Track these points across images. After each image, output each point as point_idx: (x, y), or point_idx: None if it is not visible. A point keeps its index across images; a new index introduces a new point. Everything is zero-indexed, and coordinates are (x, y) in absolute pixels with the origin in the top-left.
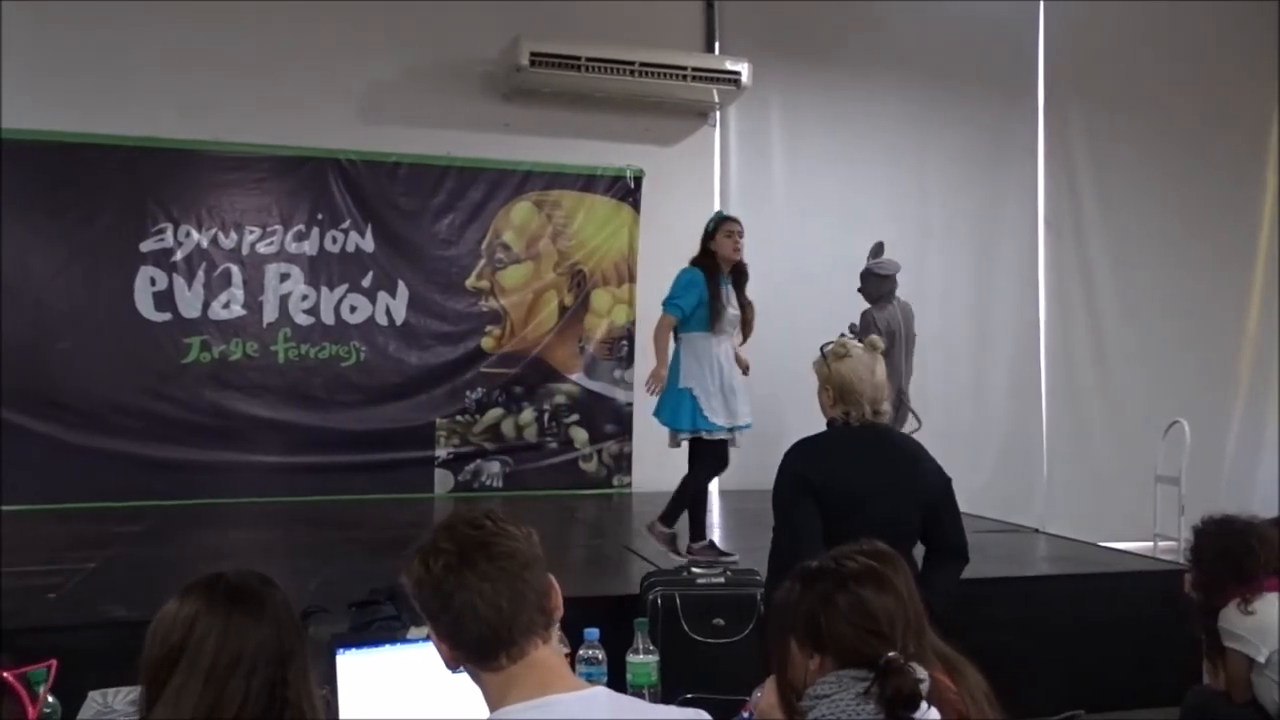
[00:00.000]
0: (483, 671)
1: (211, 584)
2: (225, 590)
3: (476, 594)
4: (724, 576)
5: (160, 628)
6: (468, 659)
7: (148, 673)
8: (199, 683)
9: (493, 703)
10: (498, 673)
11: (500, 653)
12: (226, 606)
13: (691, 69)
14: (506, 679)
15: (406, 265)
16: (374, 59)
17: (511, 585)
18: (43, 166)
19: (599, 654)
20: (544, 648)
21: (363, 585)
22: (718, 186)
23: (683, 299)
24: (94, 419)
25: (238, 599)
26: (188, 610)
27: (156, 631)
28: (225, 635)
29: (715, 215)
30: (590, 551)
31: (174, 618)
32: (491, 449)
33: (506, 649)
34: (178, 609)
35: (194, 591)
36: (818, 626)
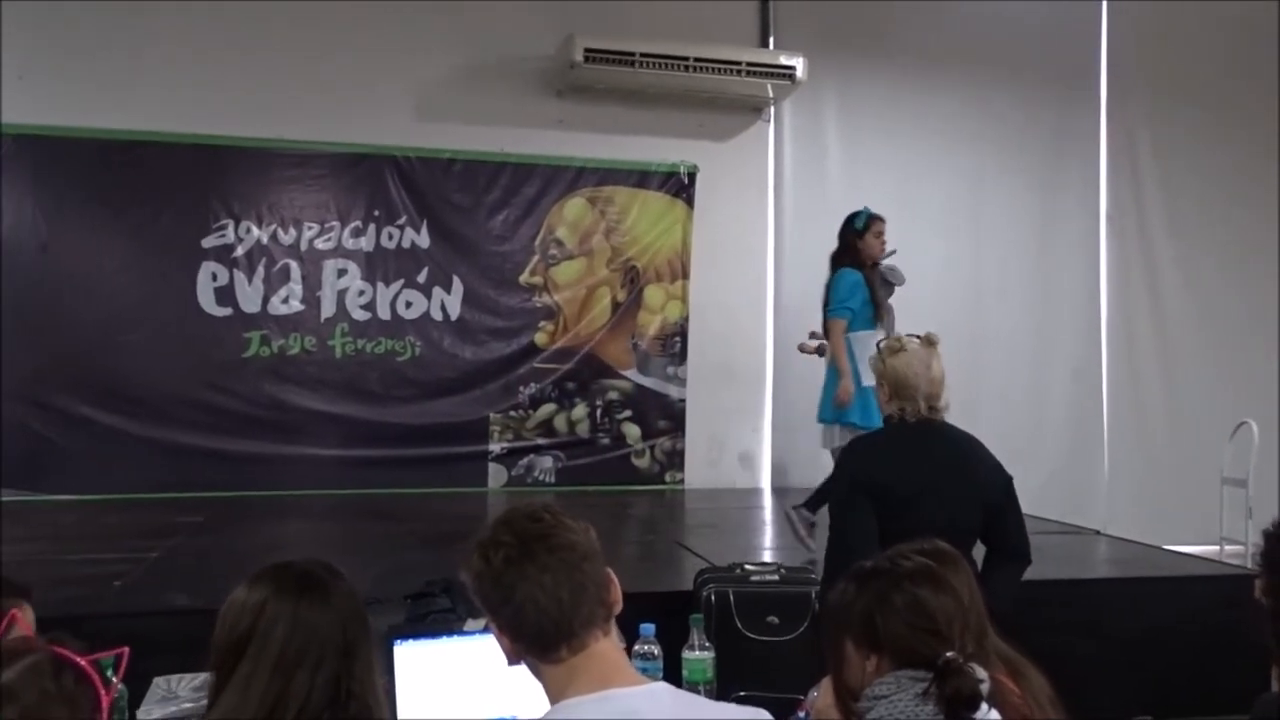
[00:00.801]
0: (543, 664)
1: (281, 572)
2: (294, 578)
3: (537, 586)
4: (778, 574)
5: (229, 613)
6: (528, 651)
7: (216, 659)
8: (266, 673)
9: (553, 695)
10: (558, 665)
11: (561, 645)
12: (295, 595)
13: (746, 64)
14: (567, 671)
15: (461, 261)
16: (430, 57)
17: (571, 577)
18: (110, 164)
19: (655, 649)
20: (604, 640)
21: (418, 577)
22: (771, 182)
23: (851, 301)
24: (158, 411)
25: (306, 587)
26: (256, 596)
27: (226, 617)
28: (294, 625)
29: (864, 213)
30: (642, 547)
31: (243, 604)
32: (544, 444)
33: (567, 641)
34: (246, 595)
35: (263, 578)
36: (873, 627)
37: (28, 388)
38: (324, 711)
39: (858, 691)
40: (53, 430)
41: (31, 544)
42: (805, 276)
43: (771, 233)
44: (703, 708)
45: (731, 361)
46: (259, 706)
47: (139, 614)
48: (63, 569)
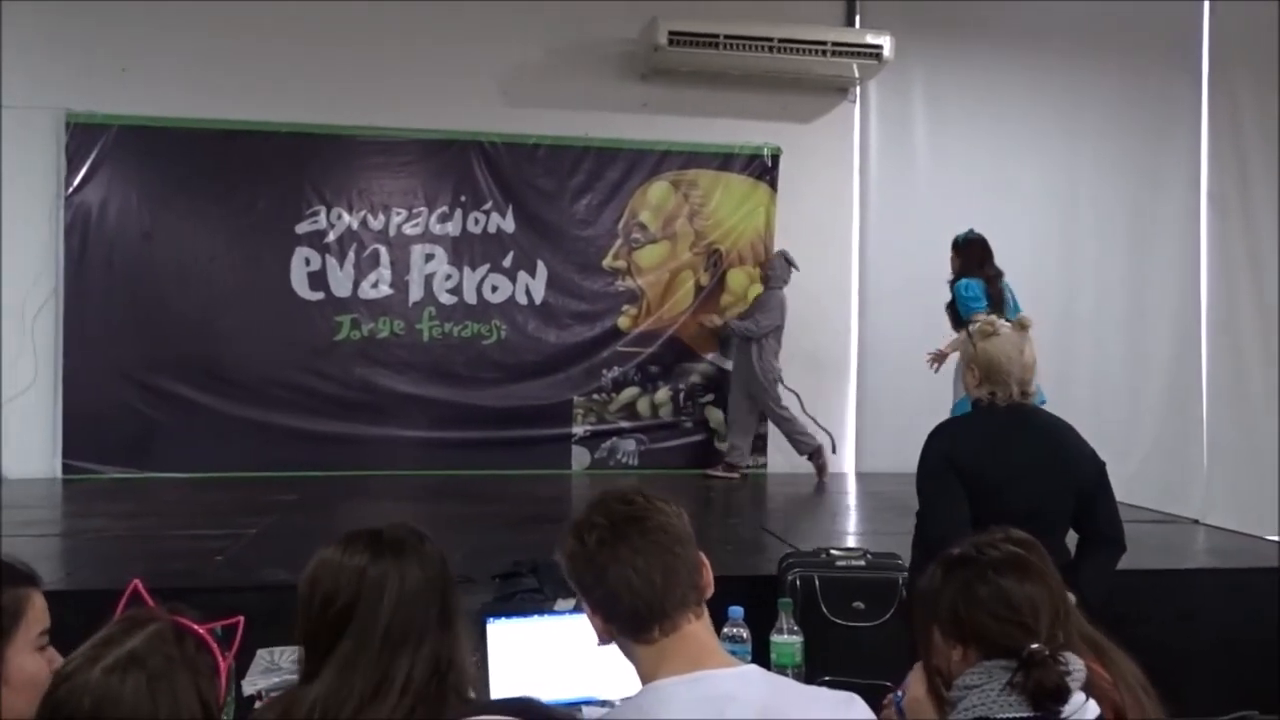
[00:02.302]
0: (636, 644)
1: (375, 538)
2: (389, 544)
3: (629, 568)
4: (864, 560)
5: (323, 577)
6: (621, 632)
7: (310, 627)
8: (373, 652)
9: (645, 675)
10: (650, 645)
11: (654, 626)
12: (394, 561)
13: (831, 44)
14: (659, 652)
15: (545, 245)
16: (515, 42)
17: (664, 559)
18: (208, 153)
19: (743, 632)
20: (697, 623)
21: (504, 557)
22: (857, 164)
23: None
24: (254, 393)
25: (402, 552)
26: (354, 562)
27: (318, 581)
28: (398, 598)
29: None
30: (725, 531)
31: (338, 566)
32: (627, 427)
33: (660, 622)
34: (341, 558)
35: (356, 543)
36: (959, 617)
37: (133, 370)
38: (428, 684)
39: (948, 679)
40: (156, 411)
41: (138, 519)
42: (892, 260)
43: (857, 215)
44: (794, 690)
45: (815, 345)
46: (364, 685)
47: (240, 588)
48: (168, 544)
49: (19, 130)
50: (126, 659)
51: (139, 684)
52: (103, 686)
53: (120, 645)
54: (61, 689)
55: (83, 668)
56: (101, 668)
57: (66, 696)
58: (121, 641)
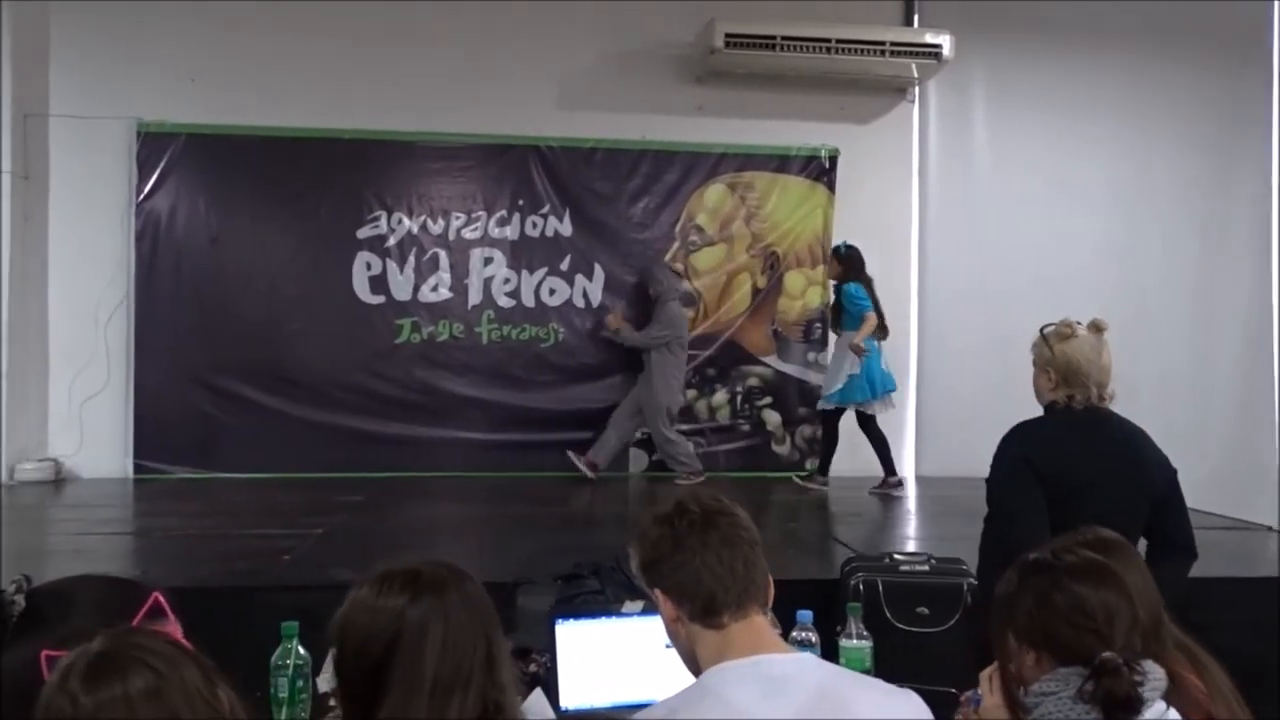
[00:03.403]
0: (704, 629)
1: (413, 578)
2: (430, 586)
3: (715, 554)
4: (929, 564)
5: (357, 621)
6: (693, 616)
7: (349, 672)
8: (423, 702)
9: (707, 660)
10: (718, 631)
11: (724, 612)
12: (435, 605)
13: (890, 44)
14: (724, 638)
15: (603, 248)
16: (572, 47)
17: (746, 552)
18: (272, 160)
19: (812, 636)
20: (761, 615)
21: (564, 558)
22: (916, 165)
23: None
24: (317, 395)
25: (443, 595)
26: (390, 604)
27: (353, 624)
28: (443, 646)
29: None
30: (785, 535)
31: (374, 609)
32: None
33: (731, 610)
34: (376, 600)
35: (392, 584)
36: (1034, 623)
37: (200, 372)
38: None
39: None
40: (223, 412)
41: (207, 519)
42: (952, 261)
43: (916, 216)
44: (850, 676)
45: None
46: None
47: (308, 587)
48: (238, 543)
49: (92, 139)
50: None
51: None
52: (99, 696)
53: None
54: (50, 709)
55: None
56: (78, 682)
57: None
58: (77, 663)
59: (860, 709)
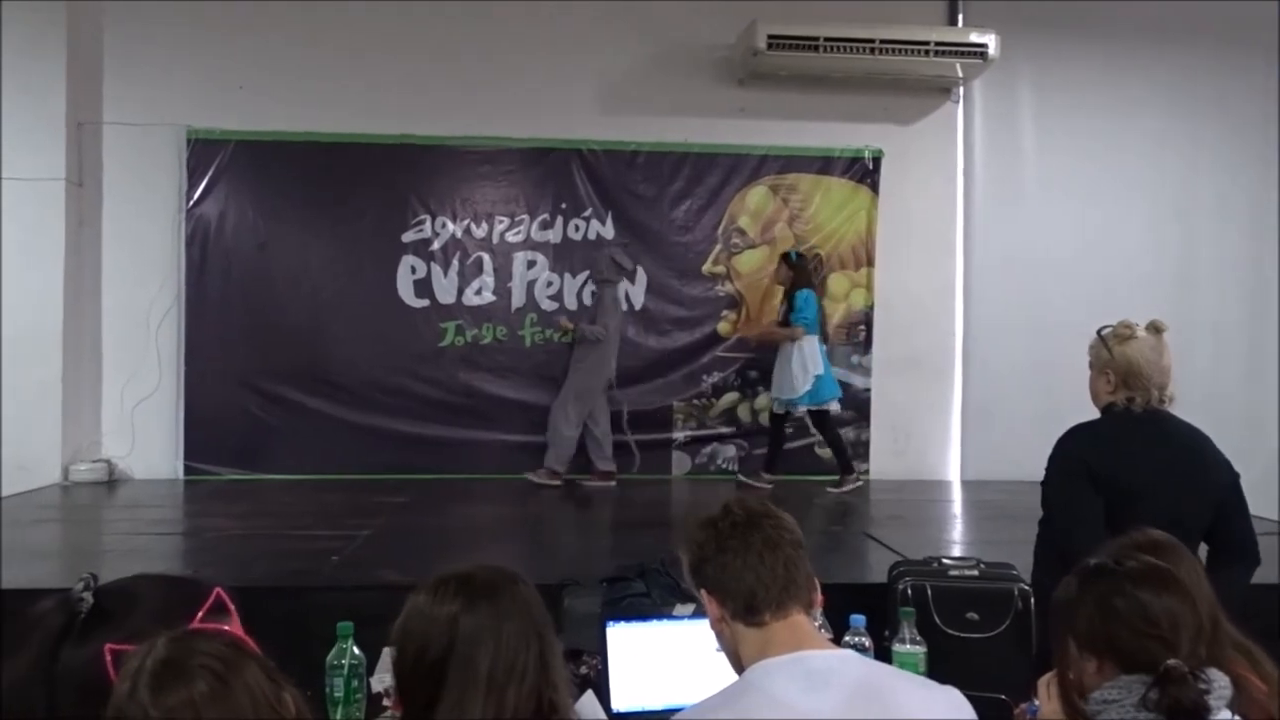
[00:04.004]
0: (746, 627)
1: (466, 583)
2: (484, 591)
3: (757, 554)
4: (977, 569)
5: (413, 628)
6: (735, 615)
7: (407, 677)
8: (479, 698)
9: (750, 658)
10: (760, 629)
11: (765, 610)
12: (488, 609)
13: (934, 43)
14: (766, 635)
15: (645, 252)
16: (613, 50)
17: (788, 553)
18: (318, 165)
19: (865, 641)
20: (803, 615)
21: (608, 561)
22: (961, 166)
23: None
24: (362, 398)
25: (495, 599)
26: (445, 611)
27: (411, 630)
28: (497, 645)
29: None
30: (829, 539)
31: (430, 617)
32: (727, 433)
33: (772, 608)
34: (432, 607)
35: (447, 590)
36: (1095, 630)
37: (248, 375)
38: None
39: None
40: (270, 415)
41: (255, 520)
42: (998, 263)
43: (961, 218)
44: (892, 671)
45: (918, 351)
46: None
47: (356, 587)
48: (285, 544)
49: (144, 147)
50: (165, 670)
51: (197, 683)
52: (165, 700)
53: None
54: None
55: (132, 695)
56: (146, 688)
57: None
58: (145, 665)
59: (903, 703)
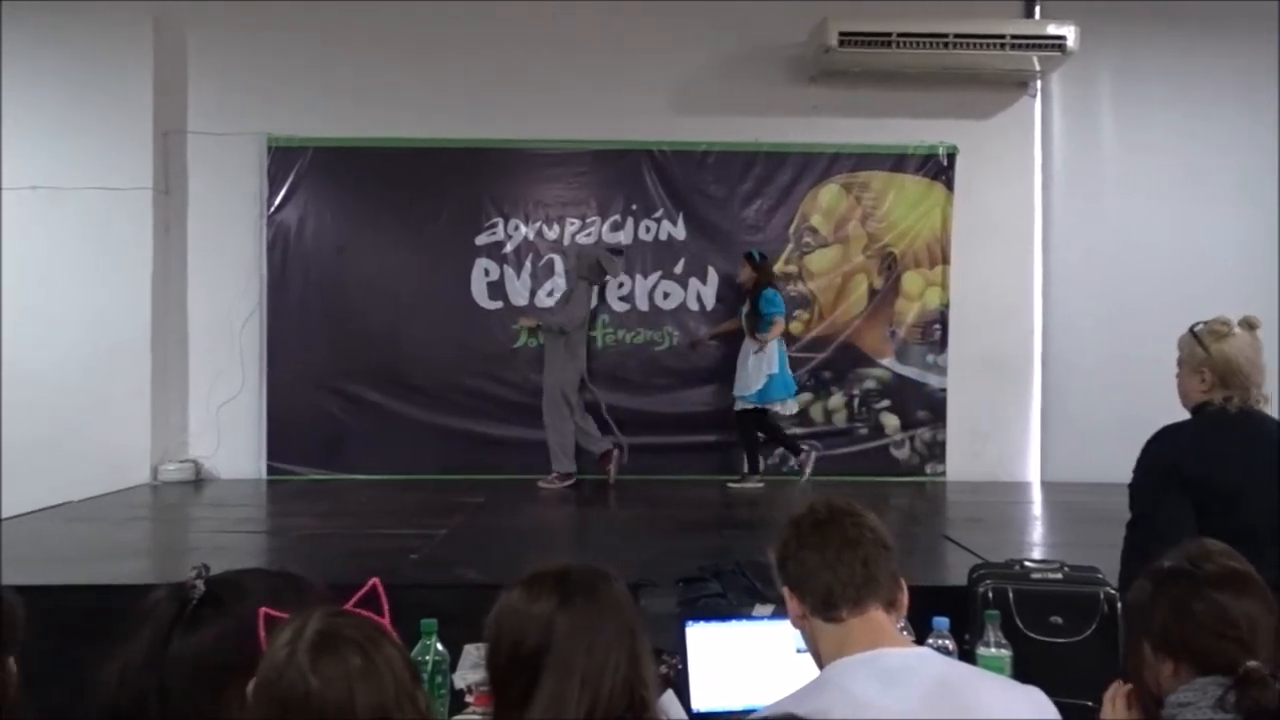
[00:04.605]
0: (824, 623)
1: (560, 581)
2: (579, 588)
3: (835, 551)
4: (1061, 572)
5: (509, 622)
6: (813, 611)
7: (501, 671)
8: (575, 689)
9: (827, 655)
10: (838, 625)
11: (843, 607)
12: (583, 605)
13: (1010, 36)
14: (843, 632)
15: (716, 251)
16: (683, 50)
17: (869, 551)
18: (395, 170)
19: (949, 644)
20: (882, 613)
21: (683, 561)
22: (1039, 161)
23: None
24: (437, 399)
25: (590, 596)
26: (540, 608)
27: (505, 626)
28: (591, 642)
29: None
30: (907, 540)
31: (524, 614)
32: (800, 433)
33: (849, 605)
34: (527, 604)
35: (541, 586)
36: (1172, 633)
37: (327, 377)
38: None
39: (1159, 696)
40: (348, 416)
41: (336, 519)
42: (1078, 260)
43: (1039, 214)
44: (972, 671)
45: (996, 350)
46: None
47: (434, 586)
48: (365, 542)
49: (226, 155)
50: (323, 639)
51: (351, 656)
52: (322, 666)
53: (308, 632)
54: (283, 681)
55: (292, 657)
56: (306, 652)
57: (290, 687)
58: (305, 630)
59: (983, 703)
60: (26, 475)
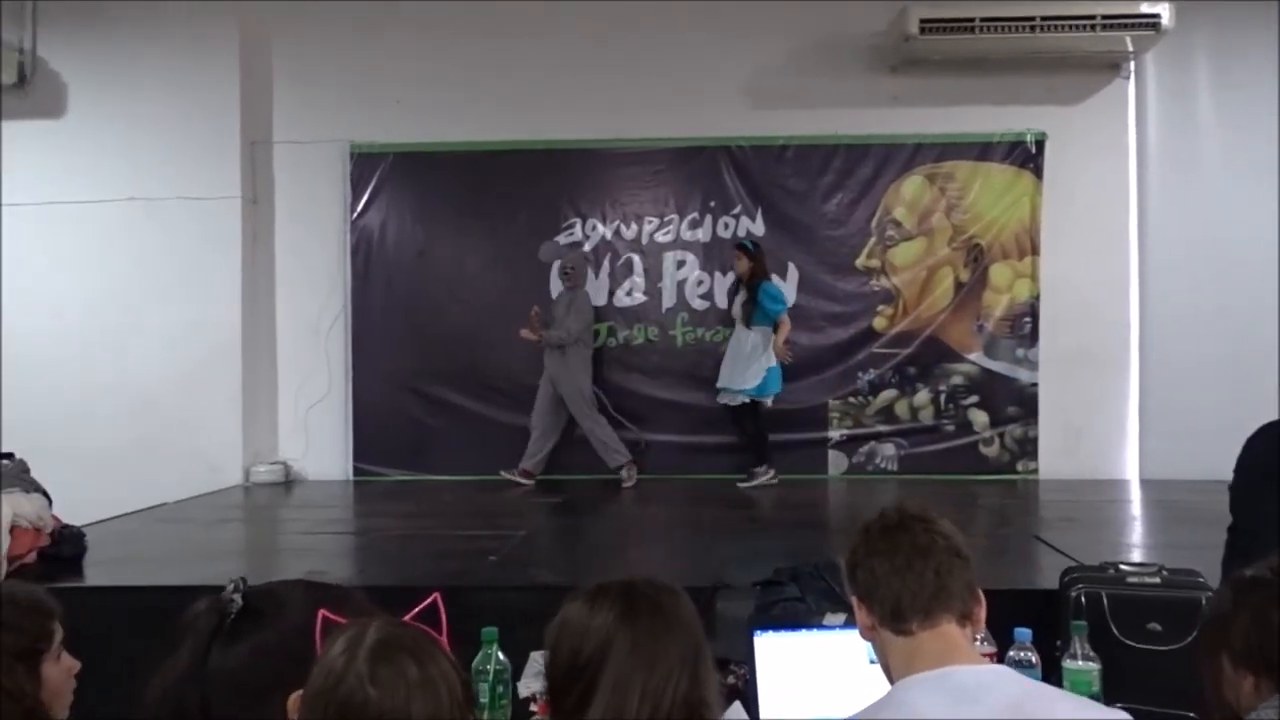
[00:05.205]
0: (893, 635)
1: (623, 595)
2: (644, 603)
3: (905, 559)
4: (1159, 576)
5: (569, 633)
6: (882, 622)
7: (559, 681)
8: (634, 701)
9: (896, 670)
10: (907, 638)
11: (912, 619)
12: (645, 623)
13: (1101, 16)
14: (913, 646)
15: (796, 247)
16: (760, 44)
17: (942, 560)
18: (474, 173)
19: (1031, 656)
20: (955, 626)
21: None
22: (1133, 146)
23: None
24: (517, 400)
25: (652, 613)
26: (600, 621)
27: (565, 636)
28: (654, 656)
29: None
30: (995, 541)
31: (585, 626)
32: (885, 431)
33: (919, 617)
34: (589, 617)
35: (604, 600)
36: (1251, 645)
37: (410, 379)
38: None
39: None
40: (431, 417)
41: (418, 519)
42: (1177, 249)
43: (1134, 201)
44: (1052, 692)
45: (1089, 343)
46: None
47: (510, 588)
48: (446, 543)
49: (310, 163)
50: (382, 648)
51: (409, 666)
52: (380, 675)
53: (367, 640)
54: (341, 688)
55: (350, 664)
56: (365, 660)
57: (349, 694)
58: (365, 638)
59: None
60: (126, 479)
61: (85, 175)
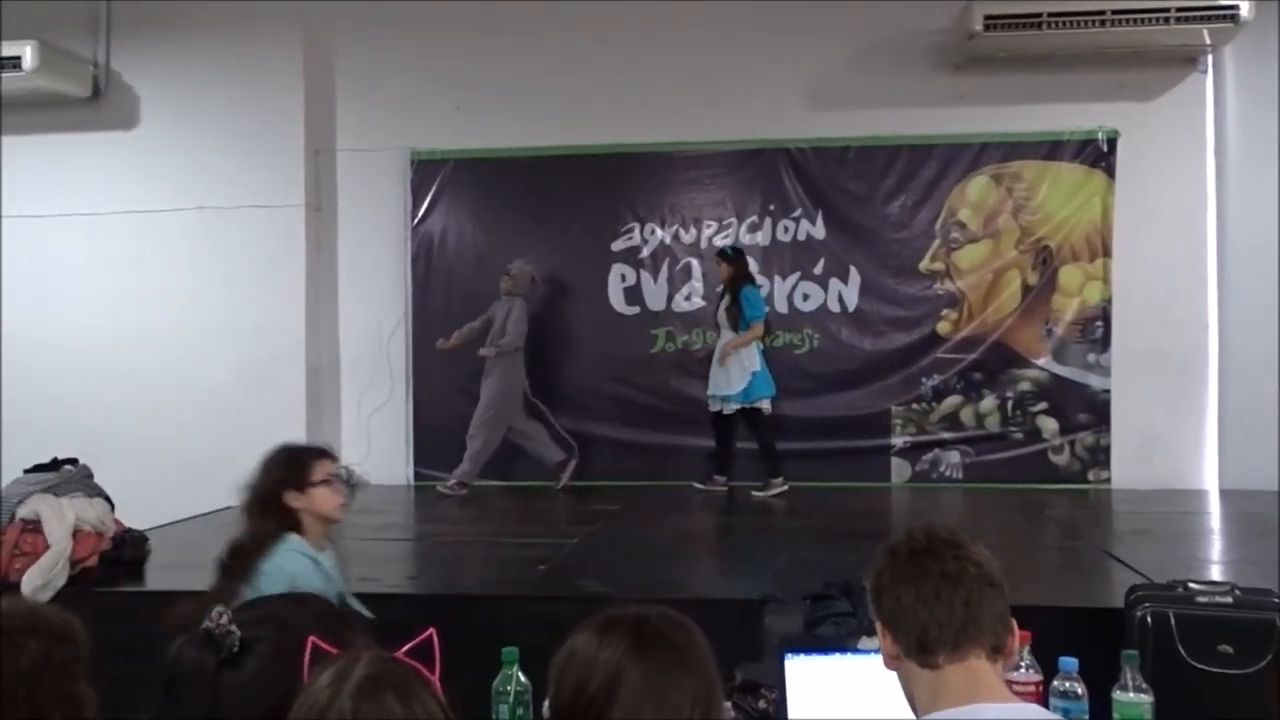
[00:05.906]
0: (919, 668)
1: (633, 630)
2: (656, 638)
3: (933, 587)
4: (1232, 596)
5: (574, 667)
6: (908, 653)
7: (563, 713)
8: None
9: (922, 705)
10: (933, 671)
11: (940, 652)
12: (654, 661)
13: (1175, 9)
14: (939, 680)
15: (858, 250)
16: (819, 44)
17: (972, 588)
18: (533, 178)
19: (1078, 687)
20: (985, 661)
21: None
22: (1211, 143)
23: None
24: (575, 405)
25: (670, 647)
26: (607, 655)
27: (570, 670)
28: (664, 691)
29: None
30: (1063, 555)
31: (592, 660)
32: (950, 438)
33: (947, 650)
34: (597, 650)
35: (613, 633)
36: None
37: (470, 385)
38: None
39: None
40: None
41: (474, 525)
42: (1259, 251)
43: (1212, 200)
44: None
45: (1164, 347)
46: None
47: (555, 598)
48: (498, 551)
49: (373, 169)
50: (369, 684)
51: (393, 705)
52: (364, 712)
53: (354, 675)
54: None
55: (334, 700)
56: (349, 696)
57: None
58: (352, 672)
59: None
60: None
61: (156, 185)
